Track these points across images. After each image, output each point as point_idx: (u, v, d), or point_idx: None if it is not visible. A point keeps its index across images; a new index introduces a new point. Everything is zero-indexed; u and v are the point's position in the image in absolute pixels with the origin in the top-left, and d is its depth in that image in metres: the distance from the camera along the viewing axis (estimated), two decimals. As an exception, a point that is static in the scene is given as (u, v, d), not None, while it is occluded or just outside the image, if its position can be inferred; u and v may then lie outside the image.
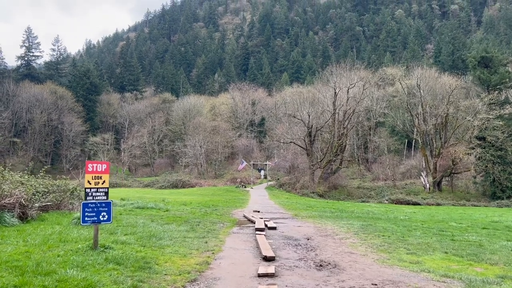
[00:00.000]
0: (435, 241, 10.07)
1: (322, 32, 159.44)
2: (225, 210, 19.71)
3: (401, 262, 7.49)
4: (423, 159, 49.17)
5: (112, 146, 79.19)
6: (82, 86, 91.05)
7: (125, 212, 15.82)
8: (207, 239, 9.82)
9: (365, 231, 11.75)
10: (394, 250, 8.80)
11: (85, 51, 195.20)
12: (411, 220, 16.23)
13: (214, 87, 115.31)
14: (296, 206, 24.95)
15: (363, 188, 51.59)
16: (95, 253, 7.11)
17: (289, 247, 9.18)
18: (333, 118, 49.14)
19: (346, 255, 8.21)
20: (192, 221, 13.47)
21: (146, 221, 12.79)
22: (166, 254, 7.68)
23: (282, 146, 61.39)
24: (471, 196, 45.36)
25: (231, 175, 59.16)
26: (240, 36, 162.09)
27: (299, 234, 11.35)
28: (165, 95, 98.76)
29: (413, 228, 12.73)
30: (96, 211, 7.49)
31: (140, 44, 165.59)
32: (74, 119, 79.15)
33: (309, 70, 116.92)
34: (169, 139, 79.75)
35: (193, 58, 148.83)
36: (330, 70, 53.88)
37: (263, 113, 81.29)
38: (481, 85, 50.60)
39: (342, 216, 17.41)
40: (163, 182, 54.92)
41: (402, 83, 53.09)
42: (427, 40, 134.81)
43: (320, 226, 13.15)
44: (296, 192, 43.78)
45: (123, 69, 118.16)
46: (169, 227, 11.58)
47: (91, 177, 7.51)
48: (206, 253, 8.14)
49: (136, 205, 18.92)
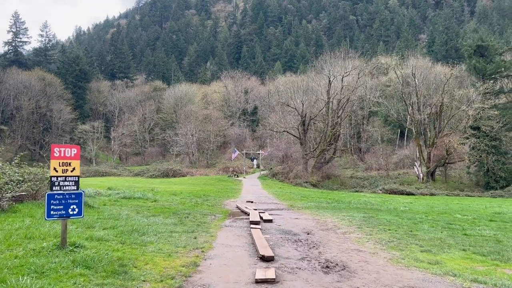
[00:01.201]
0: (447, 236, 9.19)
1: (316, 20, 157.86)
2: (217, 201, 18.73)
3: (418, 263, 6.56)
4: (417, 149, 48.60)
5: (102, 134, 77.73)
6: (71, 73, 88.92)
7: (109, 203, 14.77)
8: (197, 234, 8.81)
9: (368, 224, 10.85)
10: (405, 247, 7.88)
11: (75, 38, 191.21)
12: (412, 212, 15.41)
13: (206, 76, 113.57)
14: (291, 196, 24.06)
15: (356, 177, 51.09)
16: (62, 253, 6.02)
17: (288, 243, 8.21)
18: (327, 107, 48.32)
19: (353, 253, 7.26)
20: (181, 212, 12.45)
21: (130, 213, 11.76)
22: (147, 253, 6.63)
23: (275, 135, 60.50)
24: (464, 186, 45.07)
25: (223, 164, 58.16)
26: (233, 24, 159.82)
27: (297, 227, 10.41)
28: (156, 83, 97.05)
29: (419, 221, 11.85)
30: (64, 204, 6.38)
31: (131, 31, 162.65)
32: (63, 107, 77.26)
33: (302, 59, 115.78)
34: (160, 128, 78.37)
35: (185, 46, 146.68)
36: (324, 58, 52.82)
37: (256, 101, 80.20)
38: (476, 74, 49.90)
39: (340, 207, 16.54)
40: (154, 171, 53.73)
41: (397, 71, 52.23)
42: (421, 30, 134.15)
43: (319, 219, 12.21)
44: (289, 182, 43.00)
45: (113, 56, 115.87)
46: (155, 219, 10.53)
47: (58, 164, 6.36)
48: (194, 251, 7.12)
49: (122, 195, 17.87)
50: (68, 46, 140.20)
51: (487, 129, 42.21)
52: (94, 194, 17.43)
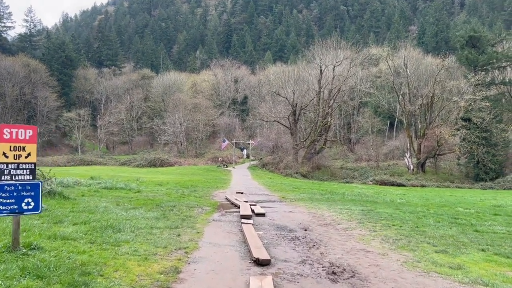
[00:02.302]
0: (459, 233, 8.34)
1: (307, 10, 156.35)
2: (205, 192, 17.72)
3: (438, 267, 5.65)
4: (407, 140, 48.16)
5: (88, 122, 75.87)
6: (57, 59, 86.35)
7: (88, 193, 13.66)
8: (181, 230, 7.79)
9: (369, 219, 9.96)
10: (416, 246, 6.99)
11: (61, 25, 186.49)
12: (411, 204, 14.63)
13: (195, 64, 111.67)
14: (282, 187, 23.16)
15: (346, 168, 50.60)
16: (11, 257, 4.93)
17: (285, 241, 7.27)
18: (318, 96, 47.49)
19: (360, 254, 6.34)
20: (165, 205, 11.40)
21: (109, 205, 10.68)
22: (120, 256, 5.58)
23: (265, 125, 59.57)
24: (454, 178, 44.88)
25: (213, 154, 57.01)
26: (223, 12, 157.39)
27: (293, 222, 9.48)
28: (145, 71, 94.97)
29: (422, 215, 11.01)
30: (16, 197, 5.27)
31: (119, 18, 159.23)
32: (48, 94, 74.89)
33: (293, 49, 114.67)
34: (148, 116, 76.74)
35: (174, 34, 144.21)
36: (315, 48, 51.83)
37: (246, 91, 78.97)
38: (468, 65, 49.57)
39: (335, 199, 15.67)
40: (141, 161, 52.41)
41: (389, 61, 51.50)
42: (411, 22, 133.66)
43: (315, 212, 11.27)
44: (280, 172, 42.18)
45: (101, 44, 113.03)
46: (135, 213, 9.47)
47: (9, 148, 5.27)
48: (177, 252, 6.09)
49: (104, 185, 16.73)
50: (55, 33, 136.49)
51: (478, 120, 41.89)
52: (73, 184, 16.29)
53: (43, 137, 73.42)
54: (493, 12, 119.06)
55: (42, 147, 71.80)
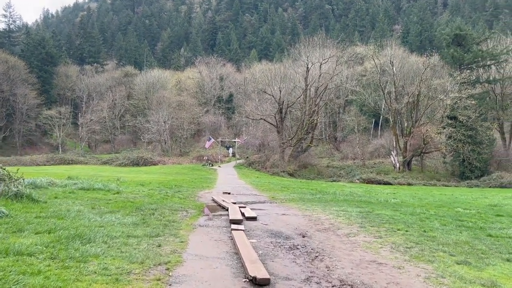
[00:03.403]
0: (473, 239, 7.53)
1: (292, 9, 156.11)
2: (190, 192, 16.69)
3: (467, 284, 4.74)
4: (393, 138, 47.95)
5: (70, 120, 73.78)
6: (37, 56, 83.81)
7: (63, 195, 12.51)
8: (162, 239, 6.78)
9: (371, 222, 9.11)
10: (433, 256, 6.14)
11: (42, 21, 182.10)
12: (407, 205, 13.90)
13: (179, 62, 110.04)
14: (270, 186, 22.27)
15: (332, 167, 50.20)
16: None
17: (283, 251, 6.32)
18: (304, 94, 46.92)
19: (373, 268, 5.44)
20: (146, 208, 10.35)
21: (83, 209, 9.59)
22: (85, 276, 4.51)
23: (251, 123, 58.71)
24: (440, 176, 44.96)
25: (198, 152, 55.82)
26: (208, 10, 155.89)
27: (288, 227, 8.55)
28: (128, 68, 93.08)
29: (425, 217, 10.22)
30: None
31: (102, 15, 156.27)
32: (27, 91, 72.46)
33: (278, 48, 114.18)
34: (131, 114, 74.97)
35: (158, 32, 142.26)
36: (301, 45, 51.21)
37: (231, 89, 77.93)
38: (454, 63, 49.64)
39: (327, 200, 14.84)
40: (123, 159, 50.85)
41: (375, 59, 51.19)
42: (395, 21, 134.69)
43: (310, 215, 10.38)
44: (266, 171, 41.36)
45: (83, 40, 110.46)
46: (111, 218, 8.41)
47: None
48: (156, 269, 5.05)
49: (80, 185, 15.53)
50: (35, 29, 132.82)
51: (464, 118, 41.91)
52: (46, 185, 15.05)
53: (23, 136, 71.09)
54: (475, 12, 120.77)
55: (21, 145, 69.59)
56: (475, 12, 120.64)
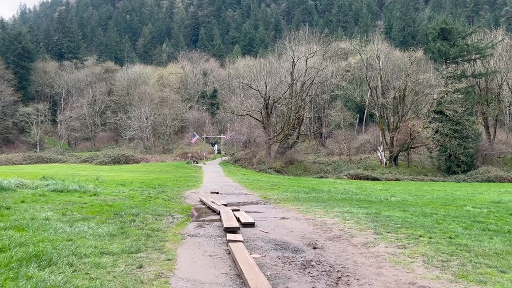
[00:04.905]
0: (510, 247, 6.55)
1: (275, 4, 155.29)
2: (175, 192, 15.56)
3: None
4: (380, 133, 47.56)
5: (48, 117, 71.30)
6: (13, 51, 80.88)
7: (31, 199, 11.18)
8: (144, 257, 5.56)
9: (385, 227, 8.13)
10: (479, 273, 5.11)
11: (19, 16, 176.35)
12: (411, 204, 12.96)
13: (162, 58, 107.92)
14: (259, 184, 21.27)
15: (319, 163, 49.57)
16: None
17: (295, 270, 5.16)
18: (291, 89, 46.05)
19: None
20: (126, 213, 9.18)
21: (52, 215, 8.38)
22: None
23: (236, 119, 57.57)
24: (427, 171, 44.73)
25: (181, 149, 54.42)
26: (190, 5, 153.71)
27: (293, 235, 7.40)
28: (108, 64, 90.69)
29: (439, 219, 9.08)
30: None
31: (81, 10, 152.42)
32: (3, 88, 69.70)
33: (262, 43, 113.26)
34: (112, 111, 72.92)
35: (139, 27, 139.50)
36: (288, 39, 50.33)
37: (215, 84, 76.58)
38: (440, 57, 49.54)
39: (323, 199, 13.91)
40: (104, 158, 49.16)
41: (362, 54, 50.73)
42: (378, 17, 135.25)
43: (313, 218, 9.31)
44: (253, 168, 40.38)
45: (61, 36, 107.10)
46: (83, 227, 7.23)
47: None
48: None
49: (53, 186, 14.20)
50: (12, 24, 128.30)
51: (450, 113, 41.73)
52: (15, 186, 13.65)
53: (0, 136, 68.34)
54: (456, 8, 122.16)
55: (-2, 144, 66.82)
56: (456, 8, 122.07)
